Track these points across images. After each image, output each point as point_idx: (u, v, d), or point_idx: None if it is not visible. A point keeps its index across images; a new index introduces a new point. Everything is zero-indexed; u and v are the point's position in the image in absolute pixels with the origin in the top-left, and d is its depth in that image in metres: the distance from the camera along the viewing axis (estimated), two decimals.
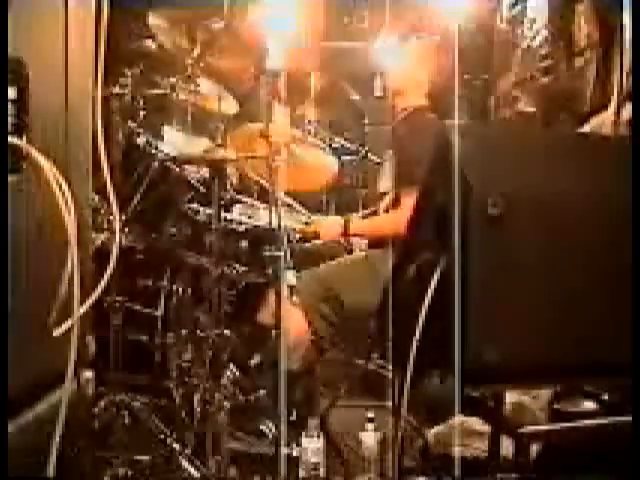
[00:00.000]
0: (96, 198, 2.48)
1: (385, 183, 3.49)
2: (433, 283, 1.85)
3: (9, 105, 1.34)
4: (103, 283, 1.42)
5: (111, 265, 1.45)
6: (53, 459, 1.33)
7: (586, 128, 3.49)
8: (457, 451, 2.75)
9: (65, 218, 1.30)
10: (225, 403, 2.87)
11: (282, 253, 2.39)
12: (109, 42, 1.66)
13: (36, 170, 1.35)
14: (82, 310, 1.33)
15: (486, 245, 1.79)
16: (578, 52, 3.81)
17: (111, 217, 2.55)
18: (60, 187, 1.30)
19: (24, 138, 1.36)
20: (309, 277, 3.08)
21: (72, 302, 1.37)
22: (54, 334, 1.35)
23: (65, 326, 1.34)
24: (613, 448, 2.43)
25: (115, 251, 1.47)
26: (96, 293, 1.40)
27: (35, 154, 1.30)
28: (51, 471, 1.32)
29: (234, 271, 3.13)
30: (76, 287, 1.31)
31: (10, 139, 1.33)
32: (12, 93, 1.35)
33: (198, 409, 2.87)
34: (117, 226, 1.55)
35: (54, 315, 1.37)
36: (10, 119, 1.34)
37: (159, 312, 3.20)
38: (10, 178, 1.35)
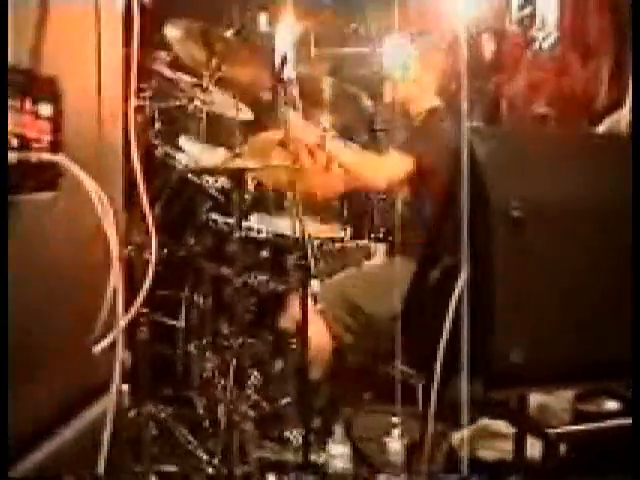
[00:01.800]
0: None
1: None
2: (458, 288, 1.86)
3: (44, 122, 1.36)
4: (141, 296, 1.43)
5: (149, 278, 1.46)
6: (101, 470, 1.34)
7: (601, 128, 3.49)
8: (465, 453, 2.75)
9: (108, 234, 1.31)
10: (250, 412, 2.89)
11: (308, 261, 2.40)
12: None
13: (73, 186, 1.37)
14: (123, 323, 1.35)
15: (509, 248, 1.80)
16: (591, 52, 3.81)
17: (136, 232, 2.57)
18: (102, 203, 1.31)
19: (60, 155, 1.38)
20: (329, 287, 3.07)
21: (112, 318, 1.38)
22: (94, 351, 1.36)
23: (106, 341, 1.35)
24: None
25: (152, 265, 1.48)
26: (136, 306, 1.41)
27: (76, 170, 1.31)
28: None
29: (255, 280, 3.14)
30: (120, 301, 1.32)
31: (47, 156, 1.34)
32: (47, 110, 1.37)
33: (223, 419, 2.87)
34: (154, 241, 1.56)
35: (97, 331, 1.38)
36: (46, 136, 1.36)
37: (181, 323, 3.21)
38: (46, 195, 1.37)
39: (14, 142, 1.24)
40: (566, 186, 1.87)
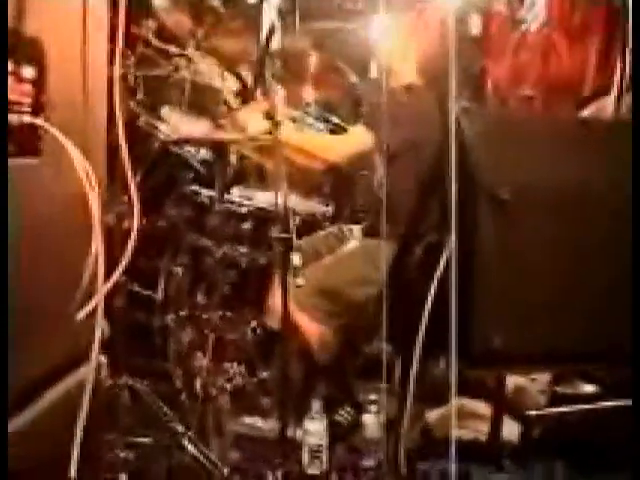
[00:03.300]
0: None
1: None
2: (440, 266, 1.86)
3: (27, 85, 1.33)
4: (122, 265, 1.41)
5: (130, 247, 1.44)
6: (78, 441, 1.32)
7: (586, 113, 3.49)
8: (452, 433, 2.76)
9: (90, 201, 1.28)
10: (227, 385, 2.88)
11: (290, 235, 2.38)
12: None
13: (56, 151, 1.34)
14: (104, 290, 1.33)
15: (491, 230, 1.80)
16: (579, 36, 3.80)
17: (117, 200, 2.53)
18: (84, 169, 1.28)
19: (42, 117, 1.35)
20: (308, 276, 3.04)
21: (93, 286, 1.36)
22: (77, 318, 1.34)
23: (87, 308, 1.33)
24: (614, 431, 2.46)
25: (134, 233, 1.46)
26: (116, 274, 1.39)
27: (57, 134, 1.28)
28: (76, 453, 1.32)
29: (236, 252, 3.12)
30: (100, 269, 1.30)
31: (28, 119, 1.31)
32: (30, 72, 1.33)
33: (200, 391, 2.87)
34: (136, 209, 1.54)
35: (77, 299, 1.36)
36: (28, 99, 1.33)
37: (159, 294, 3.19)
38: (29, 161, 1.34)
39: None
40: (552, 170, 1.87)
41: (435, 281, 1.87)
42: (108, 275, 1.43)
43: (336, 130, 3.95)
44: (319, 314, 2.98)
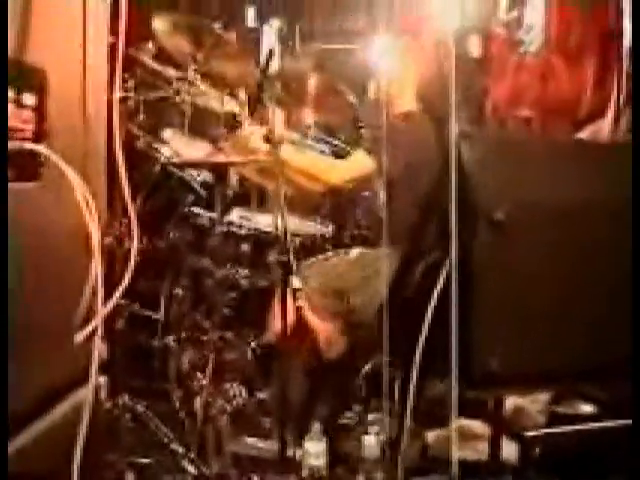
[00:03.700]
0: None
1: None
2: (439, 286, 1.87)
3: (28, 112, 1.35)
4: (122, 287, 1.43)
5: (129, 269, 1.46)
6: (77, 461, 1.34)
7: (583, 134, 3.51)
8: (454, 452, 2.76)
9: (89, 226, 1.31)
10: (227, 406, 2.89)
11: (288, 258, 2.40)
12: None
13: (56, 176, 1.36)
14: (104, 312, 1.35)
15: (490, 251, 1.82)
16: (576, 58, 3.83)
17: (116, 222, 2.56)
18: (84, 194, 1.31)
19: (43, 144, 1.37)
20: (315, 275, 3.06)
21: (92, 308, 1.38)
22: (76, 340, 1.36)
23: (86, 331, 1.35)
24: (614, 451, 2.46)
25: (133, 255, 1.48)
26: (115, 297, 1.41)
27: (58, 161, 1.31)
28: (76, 474, 1.33)
29: (236, 274, 3.14)
30: (99, 292, 1.32)
31: (30, 145, 1.34)
32: (32, 100, 1.36)
33: (200, 412, 2.88)
34: (135, 233, 1.56)
35: (77, 321, 1.38)
36: (30, 126, 1.36)
37: (160, 315, 3.21)
38: (29, 185, 1.37)
39: None
40: (550, 190, 1.89)
41: (433, 302, 1.88)
42: (109, 297, 1.45)
43: (336, 152, 3.98)
44: (327, 313, 3.00)
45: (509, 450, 2.57)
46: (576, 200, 1.89)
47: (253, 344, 3.19)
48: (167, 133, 3.37)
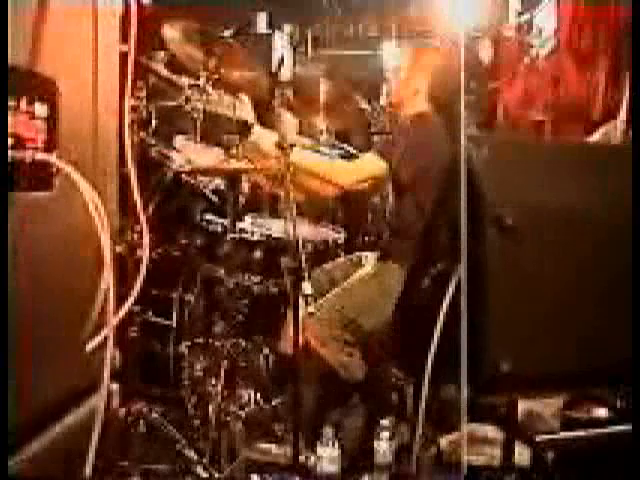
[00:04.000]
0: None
1: None
2: (450, 290, 1.87)
3: (40, 122, 1.36)
4: (133, 295, 1.44)
5: (141, 277, 1.47)
6: (90, 468, 1.35)
7: (594, 137, 3.50)
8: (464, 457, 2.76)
9: (101, 234, 1.32)
10: (240, 412, 2.90)
11: (300, 264, 2.40)
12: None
13: (68, 185, 1.37)
14: (116, 320, 1.36)
15: (500, 256, 1.81)
16: (588, 60, 3.82)
17: (129, 230, 2.58)
18: (95, 203, 1.32)
19: (55, 154, 1.39)
20: (324, 308, 3.04)
21: (104, 316, 1.39)
22: (87, 349, 1.38)
23: (97, 339, 1.36)
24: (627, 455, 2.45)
25: (145, 263, 1.49)
26: (127, 304, 1.42)
27: (70, 170, 1.32)
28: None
29: (248, 280, 3.15)
30: (111, 300, 1.33)
31: (41, 155, 1.35)
32: (43, 110, 1.37)
33: (213, 418, 2.89)
34: (146, 240, 1.57)
35: (88, 329, 1.40)
36: (42, 136, 1.37)
37: (173, 322, 3.22)
38: (42, 194, 1.38)
39: (9, 141, 1.25)
40: (559, 195, 1.88)
41: (445, 307, 1.88)
42: (121, 305, 1.46)
43: (348, 158, 3.98)
44: (341, 344, 2.99)
45: (522, 454, 2.57)
46: (587, 204, 1.89)
47: (265, 350, 3.20)
48: (179, 141, 3.38)
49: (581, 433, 2.64)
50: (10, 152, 1.25)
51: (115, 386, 1.71)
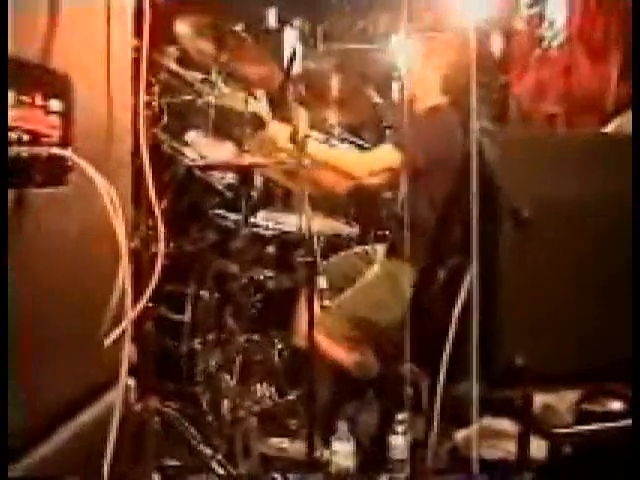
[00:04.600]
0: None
1: None
2: (465, 285, 1.86)
3: (55, 118, 1.36)
4: (149, 290, 1.44)
5: (157, 272, 1.47)
6: (108, 463, 1.35)
7: (609, 128, 3.48)
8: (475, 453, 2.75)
9: (116, 228, 1.32)
10: (255, 407, 2.90)
11: (314, 258, 2.40)
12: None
13: (83, 180, 1.37)
14: (132, 316, 1.36)
15: (514, 248, 1.80)
16: (600, 51, 3.80)
17: (143, 225, 2.58)
18: (110, 198, 1.32)
19: (70, 149, 1.39)
20: (335, 309, 3.04)
21: (119, 312, 1.39)
22: (105, 344, 1.38)
23: (114, 334, 1.36)
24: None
25: (160, 258, 1.49)
26: (144, 299, 1.42)
27: (84, 165, 1.32)
28: (106, 475, 1.35)
29: (262, 275, 3.16)
30: (129, 297, 1.33)
31: (56, 150, 1.35)
32: (57, 106, 1.37)
33: (228, 414, 2.89)
34: (161, 234, 1.57)
35: (105, 325, 1.40)
36: (57, 132, 1.37)
37: (187, 318, 3.23)
38: (57, 190, 1.38)
39: (25, 137, 1.25)
40: (574, 187, 1.87)
41: (460, 302, 1.87)
42: (136, 300, 1.46)
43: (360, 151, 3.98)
44: (353, 343, 2.99)
45: (538, 448, 2.56)
46: (603, 196, 1.87)
47: (280, 345, 3.20)
48: (191, 136, 3.39)
49: (596, 427, 2.63)
50: (26, 148, 1.25)
51: (131, 381, 1.71)
